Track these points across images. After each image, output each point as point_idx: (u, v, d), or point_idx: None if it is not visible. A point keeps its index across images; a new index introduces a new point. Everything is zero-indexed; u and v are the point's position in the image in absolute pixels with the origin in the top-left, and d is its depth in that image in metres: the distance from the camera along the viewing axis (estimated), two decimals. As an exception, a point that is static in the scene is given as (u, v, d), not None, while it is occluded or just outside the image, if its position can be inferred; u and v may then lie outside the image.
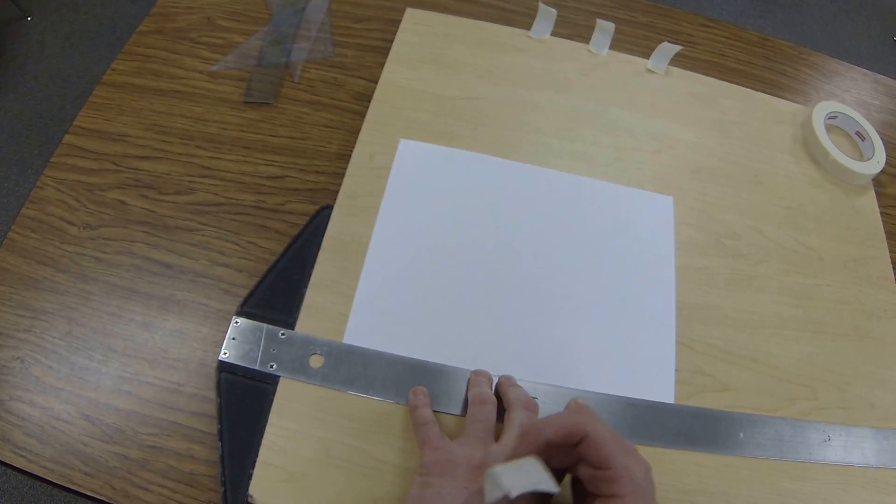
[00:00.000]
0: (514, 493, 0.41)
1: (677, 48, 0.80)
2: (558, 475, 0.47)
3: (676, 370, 0.62)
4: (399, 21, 0.82)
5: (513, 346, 0.61)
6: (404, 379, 0.58)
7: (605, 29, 0.82)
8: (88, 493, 0.54)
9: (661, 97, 0.80)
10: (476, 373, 0.58)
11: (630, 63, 0.83)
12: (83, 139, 0.72)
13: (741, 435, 0.59)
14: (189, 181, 0.69)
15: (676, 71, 0.83)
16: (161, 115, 0.74)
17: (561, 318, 0.63)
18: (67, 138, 0.72)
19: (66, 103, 0.69)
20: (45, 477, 0.54)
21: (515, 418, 0.52)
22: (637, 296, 0.65)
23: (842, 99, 0.82)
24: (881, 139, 0.78)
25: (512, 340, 0.61)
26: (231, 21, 0.84)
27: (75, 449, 0.55)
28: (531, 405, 0.54)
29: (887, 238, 0.74)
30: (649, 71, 0.82)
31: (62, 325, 0.61)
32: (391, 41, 0.80)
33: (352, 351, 0.59)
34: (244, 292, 0.62)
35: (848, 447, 0.60)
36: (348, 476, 0.53)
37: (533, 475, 0.42)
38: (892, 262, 0.72)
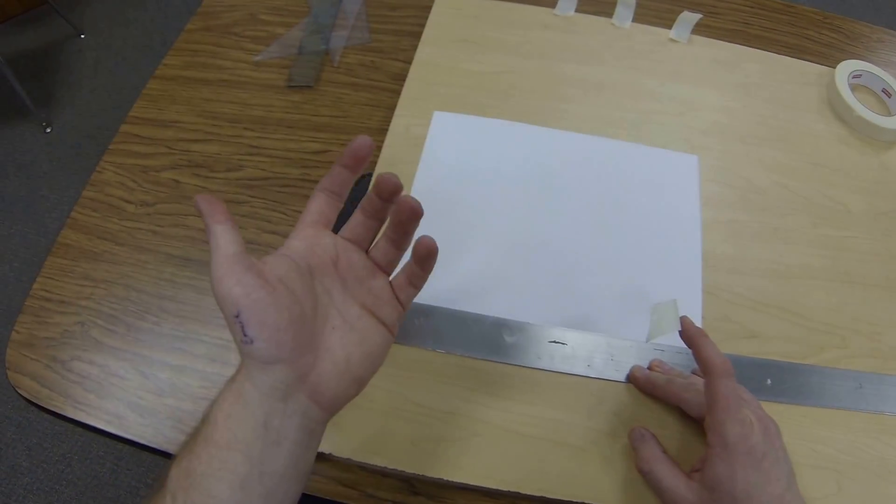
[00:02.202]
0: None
1: (698, 16, 0.82)
2: None
3: (703, 318, 0.62)
4: (431, 7, 0.86)
5: (544, 297, 0.63)
6: (438, 328, 0.60)
7: (627, 3, 0.84)
8: (142, 442, 0.57)
9: (685, 64, 0.82)
10: None
11: (653, 34, 0.85)
12: (138, 127, 0.77)
13: (768, 381, 0.59)
14: (238, 159, 0.74)
15: (699, 39, 0.85)
16: (210, 102, 0.79)
17: (590, 271, 0.65)
18: (123, 127, 0.77)
19: (122, 114, 0.74)
20: (103, 428, 0.58)
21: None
22: (664, 247, 0.67)
23: (868, 60, 0.82)
24: (909, 96, 0.78)
25: (543, 291, 0.63)
26: (273, 15, 0.88)
27: (131, 402, 0.59)
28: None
29: (919, 193, 0.73)
30: (672, 40, 0.84)
31: (120, 292, 0.65)
32: (424, 26, 0.84)
33: (387, 303, 0.61)
34: (291, 256, 0.66)
35: (882, 395, 0.59)
36: (385, 418, 0.55)
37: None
38: (925, 217, 0.71)
